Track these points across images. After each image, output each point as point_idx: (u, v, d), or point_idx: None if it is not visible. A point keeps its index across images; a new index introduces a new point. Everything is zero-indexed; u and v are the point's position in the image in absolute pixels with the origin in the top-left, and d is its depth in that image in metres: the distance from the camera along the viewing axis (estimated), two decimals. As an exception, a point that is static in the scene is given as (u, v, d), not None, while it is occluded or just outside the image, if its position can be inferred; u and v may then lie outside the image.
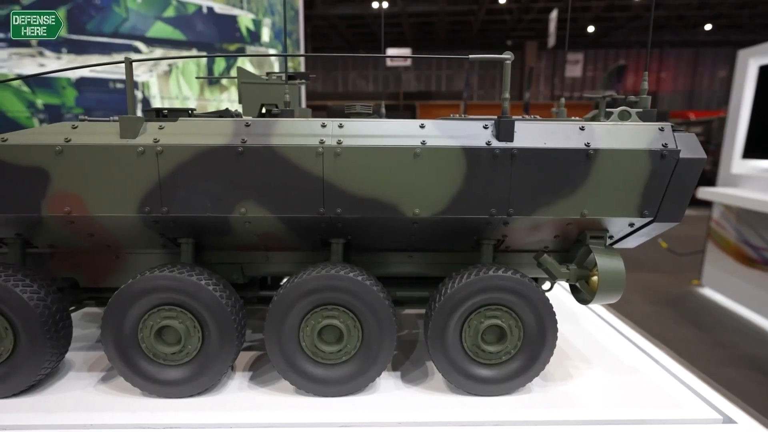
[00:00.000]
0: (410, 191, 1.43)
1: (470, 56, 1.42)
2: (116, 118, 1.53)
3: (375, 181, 1.42)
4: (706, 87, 19.28)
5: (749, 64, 6.62)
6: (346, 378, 1.52)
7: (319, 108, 13.79)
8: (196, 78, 6.11)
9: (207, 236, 1.57)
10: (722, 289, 5.84)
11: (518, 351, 1.53)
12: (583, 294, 1.60)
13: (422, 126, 1.45)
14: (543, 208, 1.45)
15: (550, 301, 1.51)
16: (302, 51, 7.82)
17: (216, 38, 6.52)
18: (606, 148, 1.42)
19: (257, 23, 7.07)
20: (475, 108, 15.36)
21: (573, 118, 1.80)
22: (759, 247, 5.34)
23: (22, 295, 1.46)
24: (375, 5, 16.09)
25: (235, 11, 6.80)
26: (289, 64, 7.77)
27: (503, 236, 1.58)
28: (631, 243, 1.67)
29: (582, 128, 1.46)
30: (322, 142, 1.41)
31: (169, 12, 6.02)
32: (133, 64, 1.43)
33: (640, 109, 1.54)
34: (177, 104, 6.16)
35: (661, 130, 1.47)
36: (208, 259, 1.69)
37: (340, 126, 1.45)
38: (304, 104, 7.99)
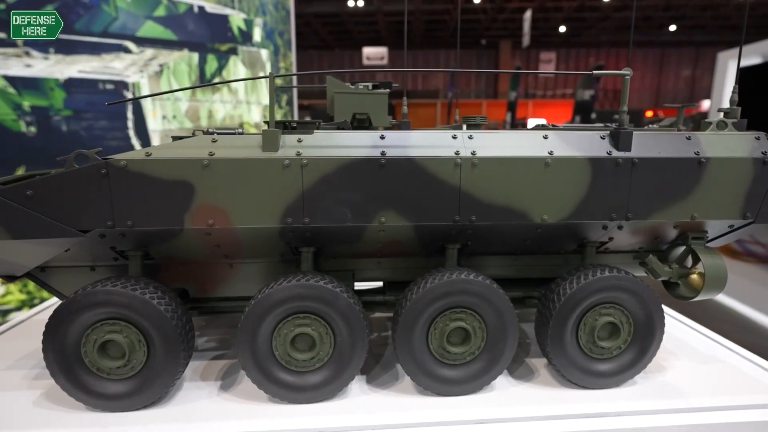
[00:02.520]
0: (540, 198, 1.51)
1: (593, 72, 1.51)
2: (241, 130, 1.55)
3: (508, 190, 1.50)
4: (671, 86, 20.17)
5: (729, 65, 6.98)
6: (471, 377, 1.59)
7: (303, 108, 13.67)
8: (280, 87, 6.04)
9: (331, 244, 1.61)
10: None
11: (628, 345, 1.64)
12: (681, 291, 1.72)
13: (545, 137, 1.54)
14: (658, 213, 1.56)
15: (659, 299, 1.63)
16: (293, 51, 7.78)
17: (207, 38, 6.42)
18: (715, 156, 1.55)
19: (249, 23, 6.99)
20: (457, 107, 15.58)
21: (652, 125, 1.92)
22: (743, 240, 5.68)
23: (158, 307, 1.47)
24: (351, 4, 16.09)
25: (226, 11, 6.70)
26: (281, 64, 7.73)
27: (610, 239, 1.69)
28: (719, 243, 1.80)
29: (688, 138, 1.58)
30: (457, 153, 1.47)
31: (160, 11, 5.89)
32: (126, 63, 1.45)
33: (735, 119, 1.67)
34: (168, 105, 6.06)
35: (757, 138, 1.60)
36: (322, 267, 1.73)
37: (470, 137, 1.51)
38: (295, 105, 7.95)
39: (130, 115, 5.54)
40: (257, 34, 7.19)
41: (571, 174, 1.50)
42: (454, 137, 1.51)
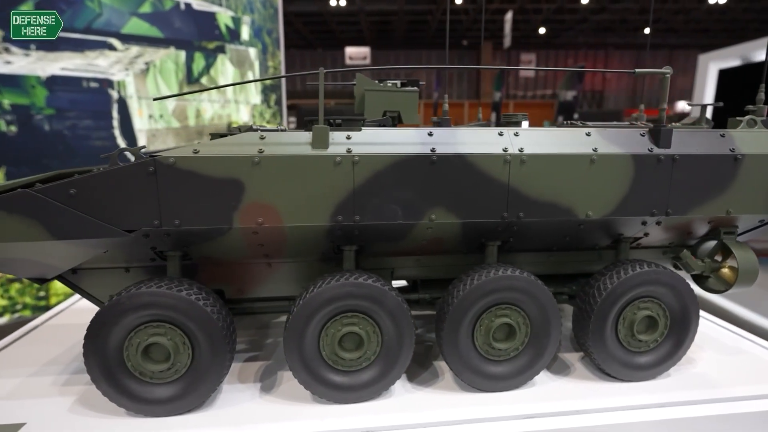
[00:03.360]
0: (584, 195, 1.53)
1: (636, 71, 1.54)
2: (284, 127, 1.53)
3: (555, 186, 1.51)
4: (647, 87, 20.65)
5: (709, 67, 7.19)
6: (516, 372, 1.60)
7: (288, 108, 13.53)
8: (308, 84, 5.96)
9: (376, 243, 1.60)
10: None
11: (665, 338, 1.67)
12: (712, 284, 1.76)
13: (588, 134, 1.56)
14: (696, 208, 1.60)
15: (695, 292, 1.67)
16: (282, 49, 7.71)
17: (195, 36, 6.31)
18: (750, 153, 1.59)
19: (236, 21, 6.89)
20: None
21: (676, 124, 1.96)
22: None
23: (204, 308, 1.44)
24: (333, 3, 16.01)
25: (213, 8, 6.59)
26: (269, 63, 7.64)
27: (645, 234, 1.72)
28: (746, 238, 1.86)
29: (722, 135, 1.62)
30: (506, 150, 1.48)
31: (145, 8, 5.76)
32: (111, 61, 1.43)
33: (764, 117, 1.72)
34: (155, 104, 5.95)
35: (786, 136, 1.65)
36: (362, 265, 1.71)
37: (516, 135, 1.52)
38: (284, 105, 7.87)
39: (115, 114, 5.39)
40: (245, 33, 7.09)
41: (615, 170, 1.53)
42: (501, 134, 1.52)
